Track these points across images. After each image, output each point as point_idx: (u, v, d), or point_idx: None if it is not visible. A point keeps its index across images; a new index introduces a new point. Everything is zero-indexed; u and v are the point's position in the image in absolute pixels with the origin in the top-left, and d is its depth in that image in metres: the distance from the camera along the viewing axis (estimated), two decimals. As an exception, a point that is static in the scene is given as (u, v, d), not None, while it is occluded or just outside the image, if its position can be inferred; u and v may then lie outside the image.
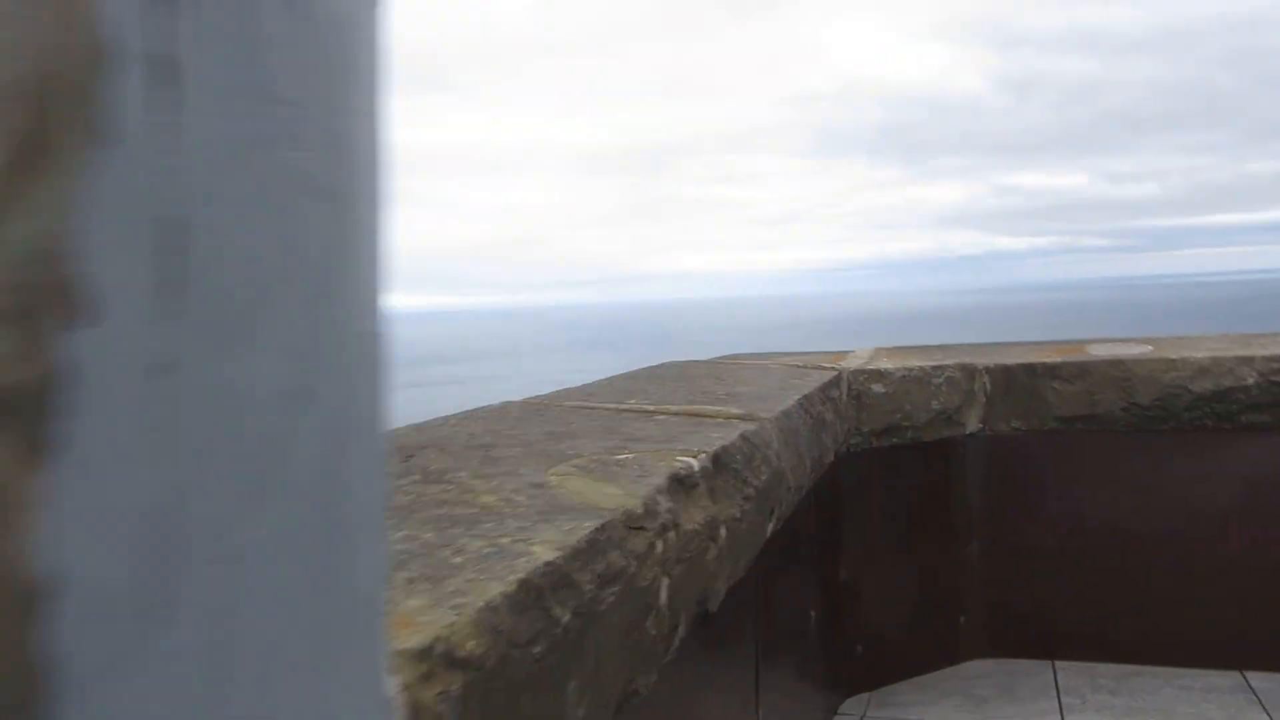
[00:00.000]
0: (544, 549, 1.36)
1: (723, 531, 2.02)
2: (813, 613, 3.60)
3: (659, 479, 1.83)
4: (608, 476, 1.82)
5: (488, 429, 2.33)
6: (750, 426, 2.50)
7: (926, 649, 4.17)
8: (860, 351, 4.81)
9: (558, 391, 3.14)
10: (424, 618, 1.06)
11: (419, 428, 2.33)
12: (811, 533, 3.56)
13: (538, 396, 3.01)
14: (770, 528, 2.50)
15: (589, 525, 1.49)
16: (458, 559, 1.30)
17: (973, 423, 4.19)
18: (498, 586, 1.19)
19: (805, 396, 3.22)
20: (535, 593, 1.25)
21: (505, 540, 1.39)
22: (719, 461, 2.14)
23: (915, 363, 4.26)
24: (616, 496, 1.69)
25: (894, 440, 4.08)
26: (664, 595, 1.69)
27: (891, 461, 4.08)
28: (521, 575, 1.24)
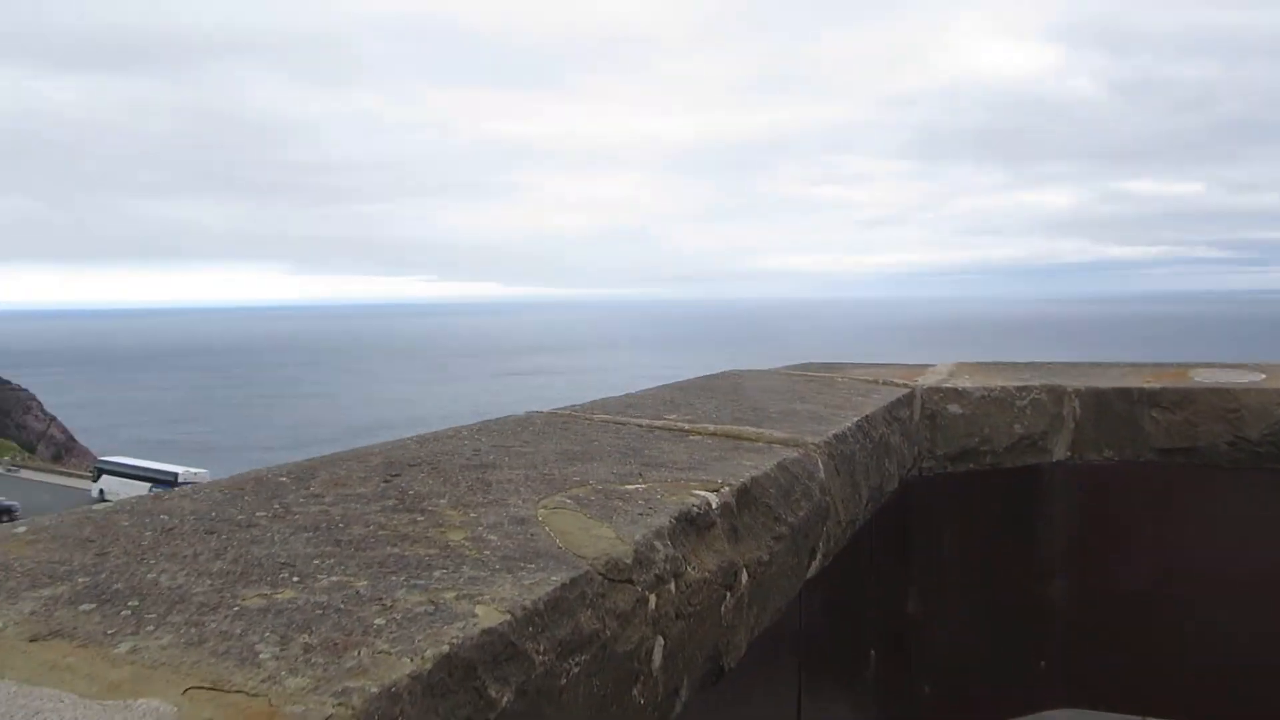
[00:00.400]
0: (491, 610, 1.14)
1: (744, 577, 1.77)
2: (873, 652, 3.31)
3: (663, 518, 1.59)
4: (606, 513, 1.59)
5: (496, 444, 2.12)
6: (791, 454, 2.24)
7: (1001, 694, 3.82)
8: (939, 367, 4.47)
9: (594, 402, 2.92)
10: (295, 706, 0.85)
11: (422, 440, 2.14)
12: (873, 564, 3.27)
13: (570, 407, 2.79)
14: (813, 567, 2.24)
15: (556, 579, 1.26)
16: (380, 620, 1.08)
17: (1060, 450, 3.82)
18: (408, 665, 0.98)
19: (867, 418, 2.93)
20: (464, 670, 1.02)
21: (450, 595, 1.17)
22: (746, 496, 1.89)
23: (998, 382, 3.91)
24: (606, 540, 1.45)
25: (970, 465, 3.75)
26: (658, 657, 1.45)
27: (967, 488, 3.75)
28: (446, 648, 1.02)
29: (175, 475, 58.94)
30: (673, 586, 1.49)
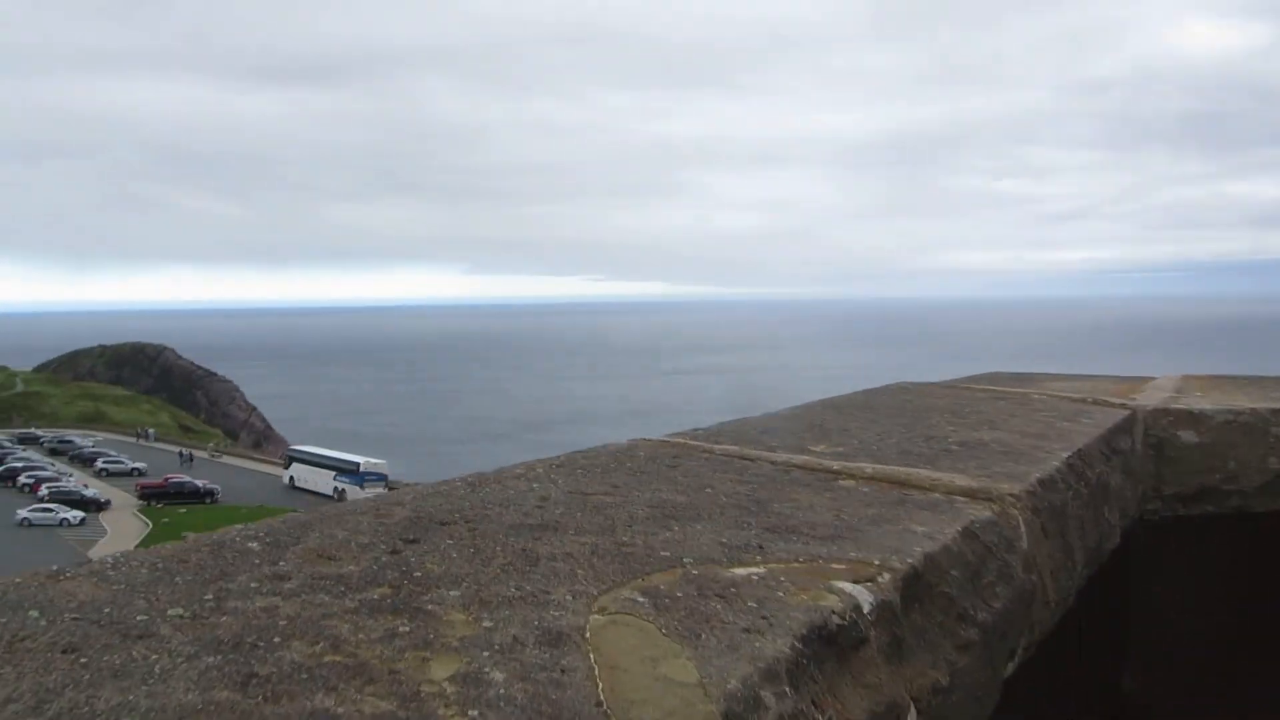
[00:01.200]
0: None
1: (911, 715, 1.18)
2: None
3: (782, 641, 1.03)
4: (692, 628, 1.04)
5: (573, 490, 1.59)
6: (982, 512, 1.61)
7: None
8: (1162, 381, 3.65)
9: (722, 426, 2.34)
10: None
11: (477, 482, 1.63)
12: (1082, 629, 2.57)
13: (688, 433, 2.23)
14: (1009, 668, 1.61)
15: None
16: None
17: (1331, 492, 2.97)
18: None
19: (1079, 452, 2.24)
20: None
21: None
22: (916, 586, 1.29)
23: (1244, 402, 3.08)
24: (680, 693, 0.89)
25: (1209, 508, 2.96)
26: None
27: (1204, 537, 2.96)
28: None
29: (357, 464, 61.82)
30: (790, 762, 0.92)
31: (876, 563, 1.28)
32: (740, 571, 1.20)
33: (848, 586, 1.17)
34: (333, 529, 1.30)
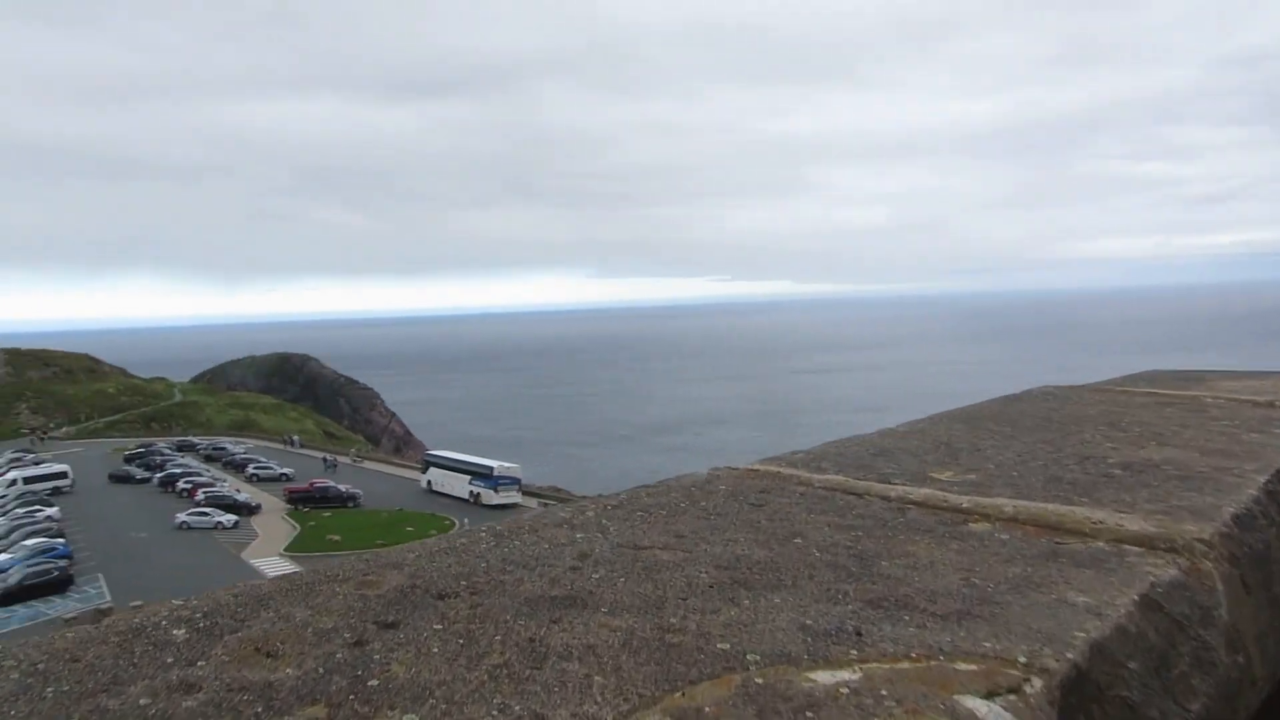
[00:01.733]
0: None
1: None
2: None
3: None
4: None
5: (623, 543, 1.27)
6: (1167, 570, 1.21)
7: None
8: (1367, 378, 3.08)
9: (826, 446, 1.97)
10: None
11: (510, 530, 1.32)
12: None
13: (783, 459, 1.86)
14: None
15: None
16: None
17: None
18: None
19: (1280, 475, 1.79)
20: None
21: None
22: (1078, 694, 0.92)
23: None
24: None
25: None
26: None
27: None
28: None
29: (491, 468, 63.04)
30: None
31: (1022, 660, 0.91)
32: (824, 679, 0.86)
33: (980, 707, 0.81)
34: (293, 606, 1.01)
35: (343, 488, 63.11)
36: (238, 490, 62.69)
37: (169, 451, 79.27)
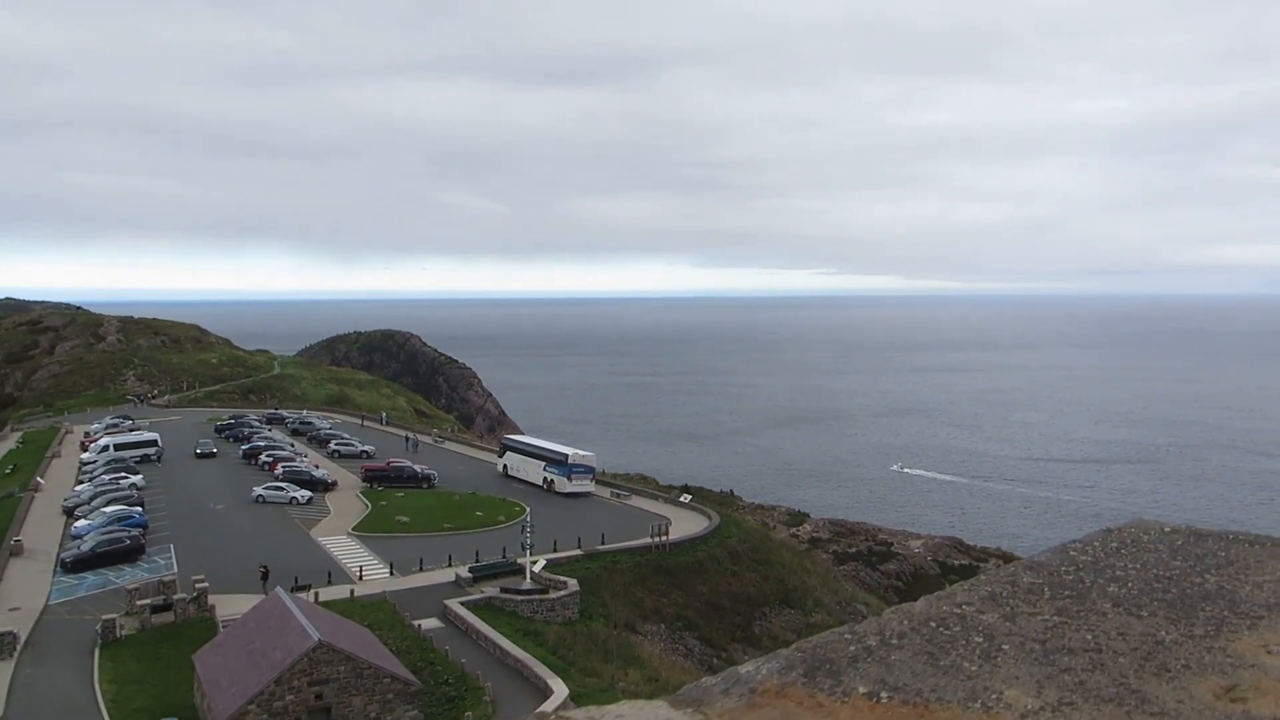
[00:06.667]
0: None
1: None
2: None
3: None
4: None
5: None
6: None
7: None
8: None
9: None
10: None
11: None
12: None
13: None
14: None
15: None
16: None
17: None
18: None
19: None
20: None
21: None
22: None
23: None
24: None
25: None
26: None
27: None
28: None
29: (565, 456, 61.62)
30: None
31: None
32: None
33: None
34: None
35: (419, 468, 62.60)
36: (316, 466, 62.84)
37: (257, 424, 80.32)
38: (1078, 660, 2.60)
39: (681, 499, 62.65)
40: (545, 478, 61.69)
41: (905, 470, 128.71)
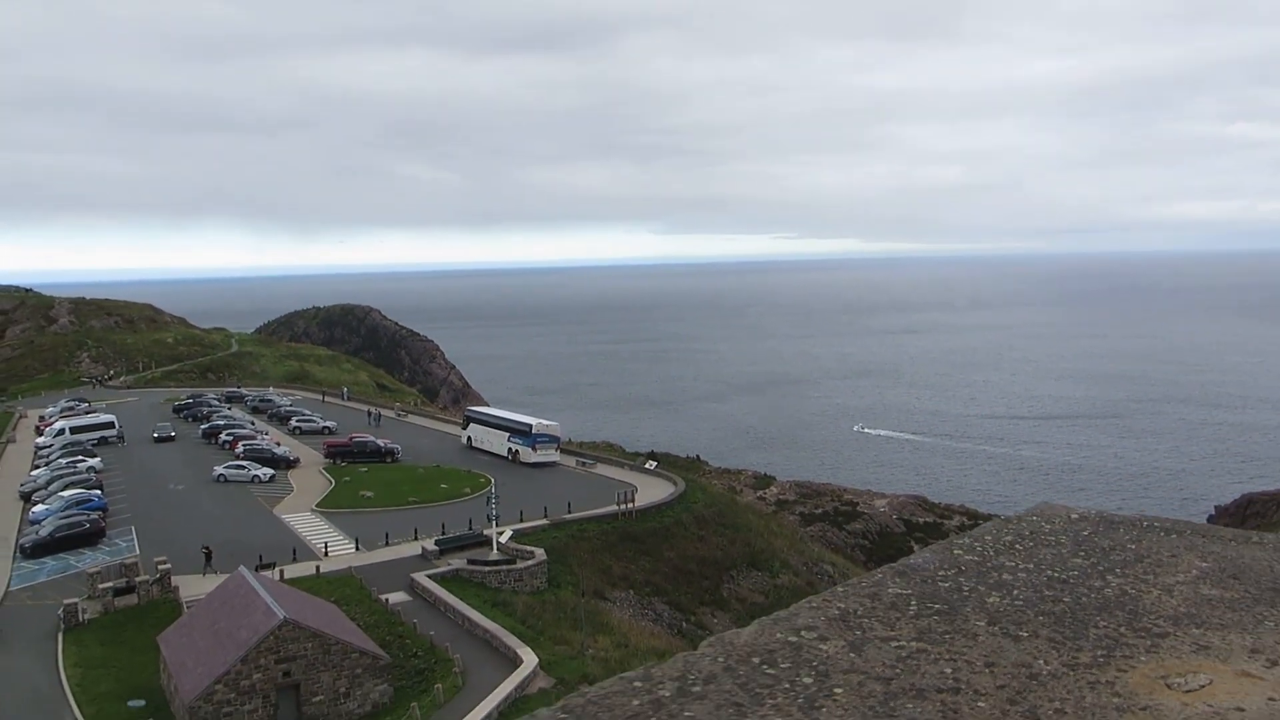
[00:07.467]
0: None
1: None
2: None
3: None
4: None
5: None
6: None
7: None
8: None
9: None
10: None
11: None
12: None
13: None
14: None
15: None
16: None
17: None
18: None
19: None
20: None
21: None
22: None
23: None
24: None
25: None
26: None
27: None
28: None
29: (529, 426, 61.50)
30: None
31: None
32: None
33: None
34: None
35: (382, 443, 62.17)
36: (278, 443, 62.10)
37: (217, 403, 79.26)
38: (925, 709, 2.23)
39: (647, 466, 62.84)
40: (510, 448, 61.60)
41: (868, 431, 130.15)
